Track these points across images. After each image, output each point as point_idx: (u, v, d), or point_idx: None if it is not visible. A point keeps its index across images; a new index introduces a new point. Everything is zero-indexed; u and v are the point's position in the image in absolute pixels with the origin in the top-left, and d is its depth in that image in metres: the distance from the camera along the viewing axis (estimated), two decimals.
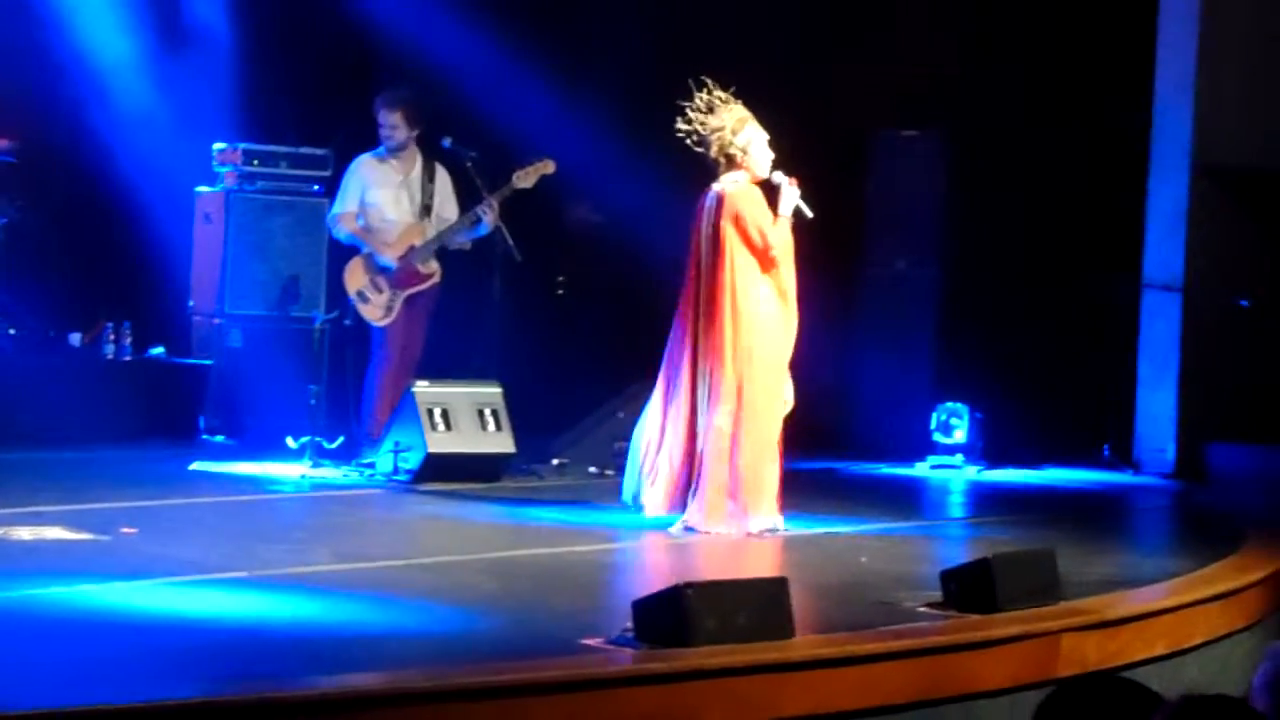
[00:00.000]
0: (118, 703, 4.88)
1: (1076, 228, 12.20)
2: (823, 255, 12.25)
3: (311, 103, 10.90)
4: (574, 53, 12.73)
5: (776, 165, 8.66)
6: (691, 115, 8.52)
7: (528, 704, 5.40)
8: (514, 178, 10.30)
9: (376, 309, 10.52)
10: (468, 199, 10.50)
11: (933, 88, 12.17)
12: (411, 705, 5.24)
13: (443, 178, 10.55)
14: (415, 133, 10.49)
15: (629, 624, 5.96)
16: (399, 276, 10.46)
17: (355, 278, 10.60)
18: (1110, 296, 12.05)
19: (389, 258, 10.45)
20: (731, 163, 8.60)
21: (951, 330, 12.35)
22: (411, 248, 10.46)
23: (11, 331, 11.51)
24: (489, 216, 10.28)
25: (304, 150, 11.46)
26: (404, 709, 5.22)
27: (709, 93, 8.56)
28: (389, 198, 10.55)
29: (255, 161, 11.74)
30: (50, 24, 12.18)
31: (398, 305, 10.47)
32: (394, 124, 10.44)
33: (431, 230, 10.49)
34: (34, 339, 11.65)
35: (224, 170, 11.80)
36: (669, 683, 5.67)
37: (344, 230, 10.66)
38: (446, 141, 10.36)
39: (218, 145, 11.88)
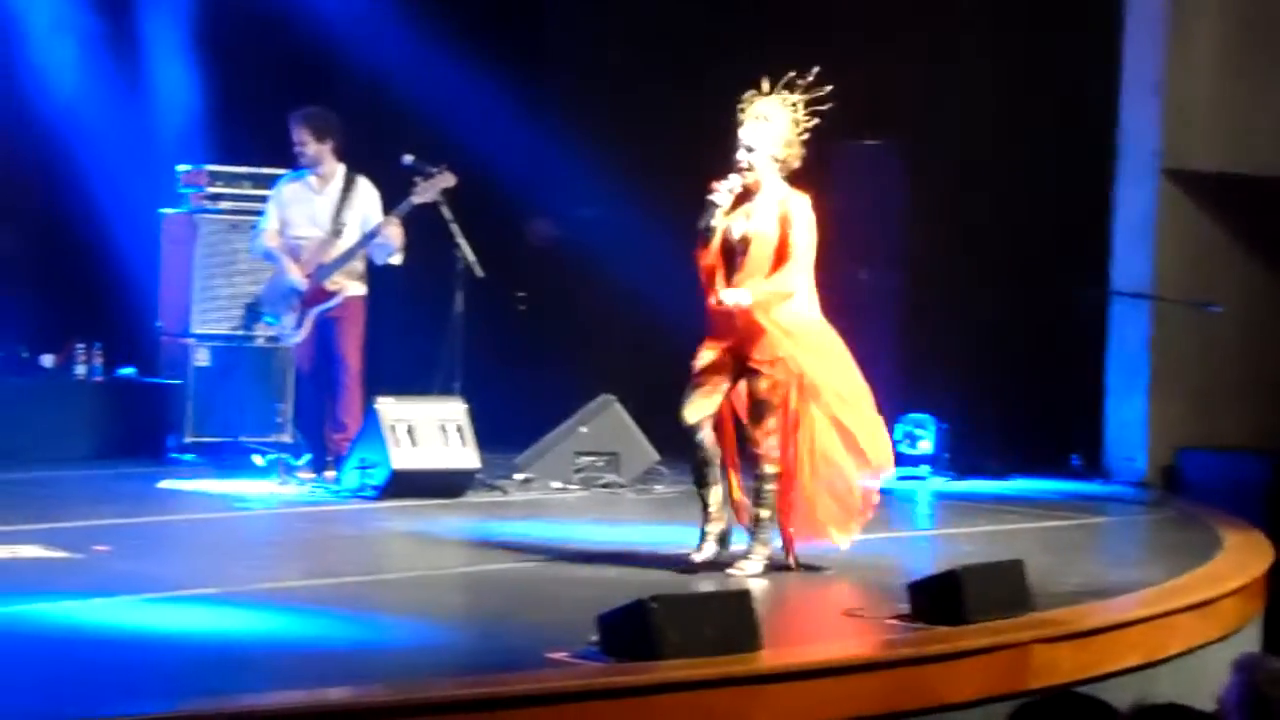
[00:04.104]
0: (90, 717, 4.93)
1: (1042, 235, 12.08)
2: None
3: (272, 122, 10.91)
4: (534, 66, 12.76)
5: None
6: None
7: (494, 718, 5.40)
8: (412, 193, 10.24)
9: (286, 326, 10.54)
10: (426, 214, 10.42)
11: (893, 94, 12.07)
12: (378, 719, 5.25)
13: (365, 194, 10.44)
14: (326, 147, 10.40)
15: (594, 637, 5.97)
16: (307, 295, 10.42)
17: (269, 294, 10.65)
18: (1077, 304, 11.95)
19: (295, 276, 10.42)
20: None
21: (916, 340, 12.24)
22: (319, 266, 10.41)
23: None
24: (386, 233, 10.21)
25: (266, 170, 11.40)
26: None
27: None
28: (302, 215, 10.49)
29: (219, 182, 11.75)
30: (15, 49, 12.21)
31: (307, 323, 10.43)
32: (302, 140, 10.40)
33: (341, 248, 10.42)
34: (7, 360, 11.70)
35: (189, 191, 11.80)
36: (636, 696, 5.66)
37: (260, 245, 10.65)
38: (407, 159, 10.31)
39: (182, 167, 11.89)
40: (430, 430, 10.15)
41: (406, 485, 9.96)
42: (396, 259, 10.37)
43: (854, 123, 12.33)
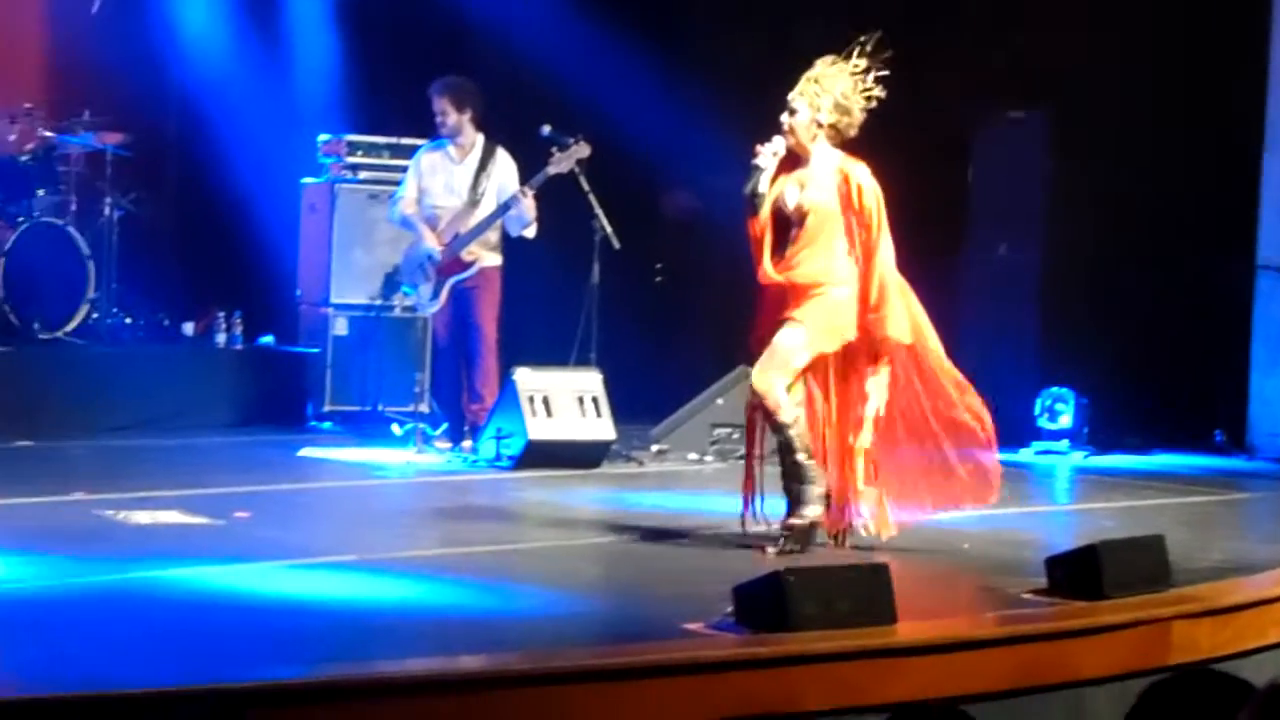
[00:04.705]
0: (232, 681, 4.95)
1: (1187, 208, 12.00)
2: (924, 240, 12.25)
3: (413, 93, 10.98)
4: (671, 37, 12.74)
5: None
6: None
7: (630, 687, 5.41)
8: (548, 164, 10.25)
9: (423, 296, 10.61)
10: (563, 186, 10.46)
11: (1037, 68, 12.02)
12: (514, 687, 5.27)
13: (503, 165, 10.47)
14: (465, 117, 10.43)
15: (729, 609, 5.97)
16: (442, 264, 10.47)
17: (407, 263, 10.72)
18: (1221, 278, 11.85)
19: (432, 245, 10.48)
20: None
21: (1056, 314, 12.20)
22: (456, 235, 10.45)
23: (128, 321, 11.72)
24: (520, 205, 10.24)
25: (405, 140, 11.51)
26: (506, 691, 5.25)
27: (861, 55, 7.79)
28: (440, 185, 10.54)
29: (358, 152, 11.87)
30: (160, 22, 12.42)
31: (443, 293, 10.48)
32: (442, 110, 10.43)
33: (477, 218, 10.47)
34: (149, 328, 11.87)
35: (328, 161, 11.93)
36: (772, 667, 5.65)
37: (397, 213, 10.71)
38: (546, 130, 10.33)
39: (322, 137, 12.02)
40: (566, 401, 10.20)
41: (542, 456, 10.01)
42: (530, 231, 10.38)
43: (998, 95, 12.34)
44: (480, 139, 10.52)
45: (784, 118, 7.72)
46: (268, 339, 12.12)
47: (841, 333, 7.62)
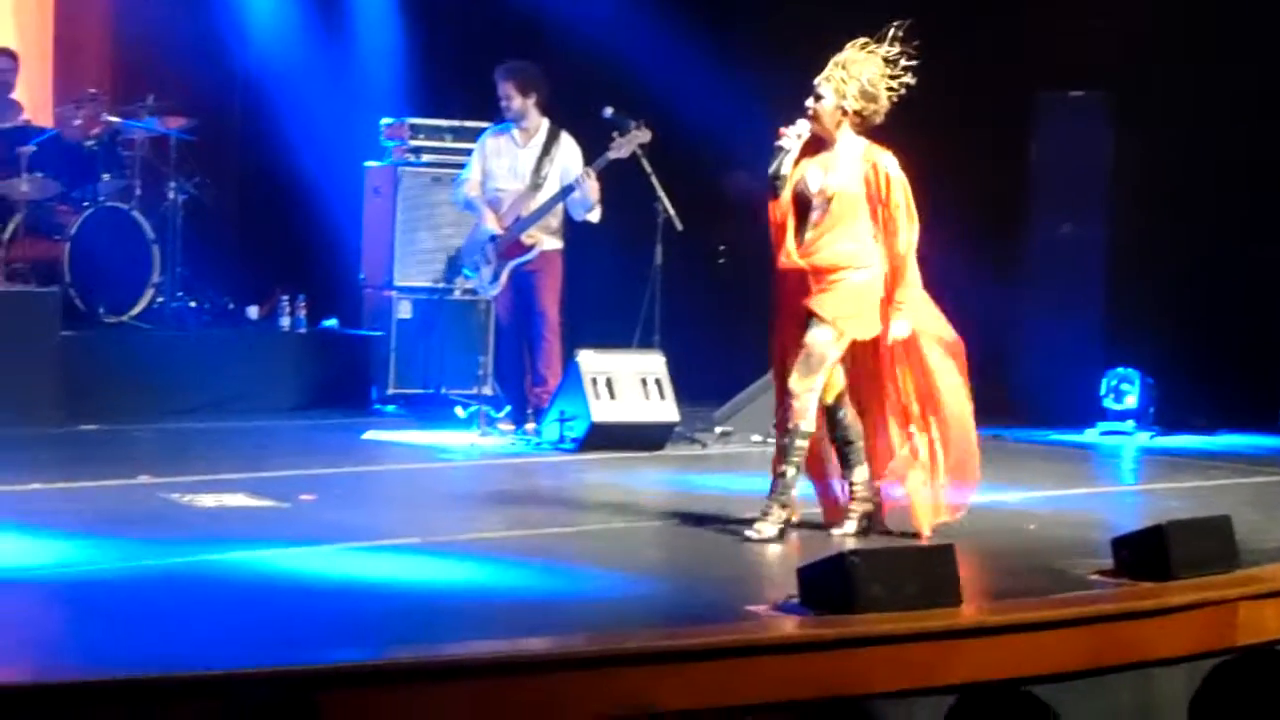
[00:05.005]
0: (300, 664, 5.01)
1: (1252, 187, 11.98)
2: (988, 219, 12.23)
3: (475, 76, 11.01)
4: (732, 18, 12.73)
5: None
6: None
7: (696, 668, 5.45)
8: (609, 148, 10.29)
9: (484, 279, 10.63)
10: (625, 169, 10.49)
11: (1099, 47, 11.99)
12: (580, 669, 5.31)
13: (567, 149, 10.49)
14: (530, 101, 10.45)
15: (793, 591, 5.99)
16: (503, 247, 10.49)
17: (468, 246, 10.75)
18: None
19: (493, 227, 10.50)
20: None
21: (1121, 294, 12.21)
22: (518, 218, 10.47)
23: (192, 305, 11.79)
24: (584, 187, 10.26)
25: (468, 123, 11.55)
26: (571, 673, 5.29)
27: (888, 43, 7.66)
28: (503, 168, 10.56)
29: (421, 136, 11.92)
30: (224, 7, 12.51)
31: (504, 276, 10.50)
32: (507, 94, 10.46)
33: (539, 202, 10.49)
34: (214, 311, 11.94)
35: (391, 145, 11.98)
36: (837, 649, 5.69)
37: (461, 195, 10.75)
38: (608, 111, 10.37)
39: (385, 120, 12.07)
40: (630, 383, 10.24)
41: (605, 438, 10.05)
42: (594, 215, 10.39)
43: (1060, 75, 12.29)
44: (545, 123, 10.55)
45: (809, 102, 7.66)
46: (331, 322, 12.18)
47: (869, 318, 7.58)
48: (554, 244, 10.53)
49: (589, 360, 10.22)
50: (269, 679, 4.82)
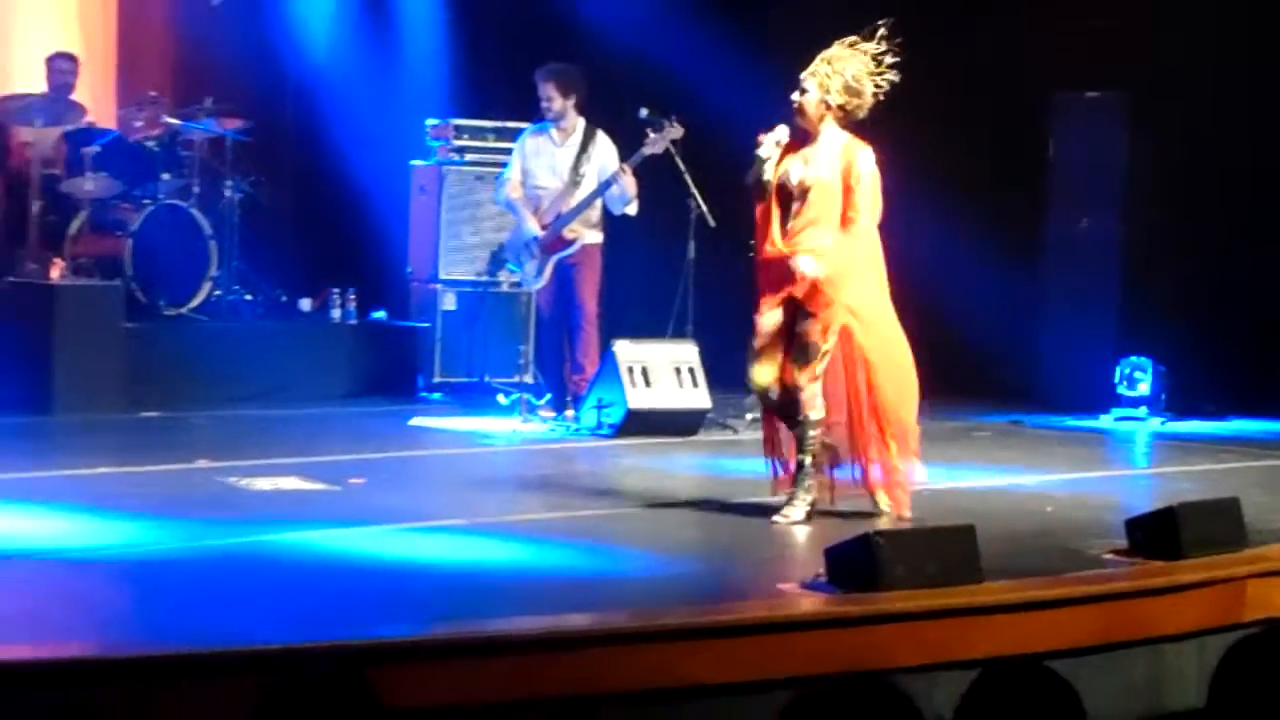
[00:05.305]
0: (350, 639, 5.12)
1: (1262, 179, 11.97)
2: (1008, 213, 12.37)
3: (516, 78, 11.19)
4: (762, 16, 12.72)
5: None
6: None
7: (729, 643, 5.56)
8: (643, 144, 10.39)
9: (529, 274, 10.77)
10: (659, 166, 10.60)
11: (1117, 50, 11.98)
12: (619, 644, 5.42)
13: (603, 147, 10.61)
14: (570, 103, 10.56)
15: (821, 570, 6.12)
16: (545, 243, 10.62)
17: (512, 244, 10.92)
18: None
19: (534, 229, 10.62)
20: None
21: (1135, 286, 12.19)
22: (558, 215, 10.60)
23: (248, 297, 11.92)
24: (621, 182, 10.38)
25: (510, 124, 11.66)
26: (612, 648, 5.40)
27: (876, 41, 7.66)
28: (543, 167, 10.67)
29: (465, 135, 12.03)
30: (277, 14, 12.63)
31: (548, 270, 10.63)
32: (549, 95, 10.56)
33: (578, 198, 10.63)
34: (268, 304, 12.07)
35: (437, 145, 12.08)
36: (863, 625, 5.77)
37: (503, 195, 10.88)
38: (643, 112, 10.48)
39: (431, 121, 12.18)
40: (664, 371, 10.38)
41: (641, 424, 10.20)
42: (632, 208, 10.53)
43: (1078, 75, 12.26)
44: (581, 123, 10.66)
45: (794, 95, 7.67)
46: (380, 314, 12.27)
47: (854, 297, 7.68)
48: (595, 237, 10.67)
49: (625, 350, 10.36)
50: (322, 654, 4.89)
